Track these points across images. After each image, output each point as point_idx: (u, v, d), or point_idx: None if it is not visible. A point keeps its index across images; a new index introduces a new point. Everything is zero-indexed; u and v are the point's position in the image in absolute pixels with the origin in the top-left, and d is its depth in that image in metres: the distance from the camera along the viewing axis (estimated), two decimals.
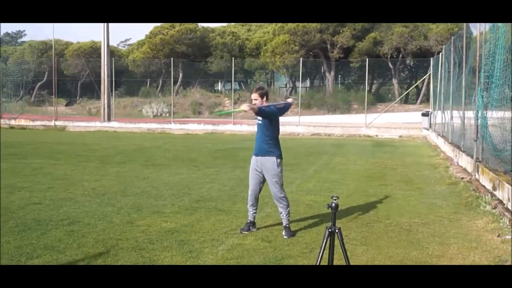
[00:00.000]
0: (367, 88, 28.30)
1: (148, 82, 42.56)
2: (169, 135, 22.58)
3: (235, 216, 6.67)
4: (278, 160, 5.86)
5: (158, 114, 34.14)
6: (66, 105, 39.79)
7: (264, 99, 5.83)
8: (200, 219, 6.51)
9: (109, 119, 26.76)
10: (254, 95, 5.84)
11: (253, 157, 5.95)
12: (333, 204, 3.46)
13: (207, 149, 15.71)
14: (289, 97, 33.05)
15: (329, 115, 31.40)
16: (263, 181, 5.98)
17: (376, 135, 22.14)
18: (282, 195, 5.90)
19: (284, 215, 5.91)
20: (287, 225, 5.93)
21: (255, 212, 6.07)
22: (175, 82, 35.30)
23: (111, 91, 27.38)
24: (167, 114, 33.27)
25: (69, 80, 40.54)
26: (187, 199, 7.79)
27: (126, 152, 14.52)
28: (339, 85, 38.59)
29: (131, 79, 39.12)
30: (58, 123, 26.39)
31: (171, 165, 11.60)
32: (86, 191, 8.28)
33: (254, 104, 5.80)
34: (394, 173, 10.91)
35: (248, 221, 6.06)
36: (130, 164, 11.66)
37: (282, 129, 6.81)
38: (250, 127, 23.72)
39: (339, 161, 12.88)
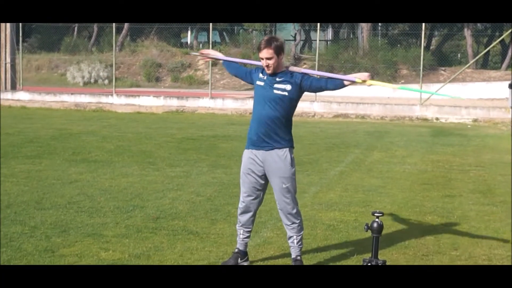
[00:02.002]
0: (423, 43, 28.25)
1: (76, 29, 42.37)
2: (109, 114, 22.53)
3: (214, 243, 6.71)
4: (292, 155, 5.90)
5: (92, 80, 34.08)
6: None
7: (282, 57, 5.77)
8: (160, 246, 6.54)
9: (13, 88, 26.65)
10: (268, 52, 5.69)
11: (249, 151, 5.93)
12: (375, 224, 3.43)
13: (171, 137, 15.72)
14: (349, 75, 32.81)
15: (363, 86, 31.47)
16: (263, 188, 6.02)
17: (437, 118, 22.23)
18: (295, 211, 5.94)
19: (295, 242, 5.96)
20: (299, 258, 5.99)
21: (248, 237, 6.12)
22: (118, 30, 35.14)
23: (17, 43, 27.25)
24: (106, 81, 33.21)
25: None
26: (139, 215, 7.82)
27: (41, 140, 14.50)
28: (379, 37, 38.59)
29: (48, 24, 38.92)
30: None
31: (114, 162, 11.62)
32: None
33: (268, 66, 5.74)
34: (465, 177, 11.00)
35: (236, 249, 6.11)
36: (48, 160, 11.68)
37: None
38: (236, 103, 23.72)
39: (378, 158, 12.96)
